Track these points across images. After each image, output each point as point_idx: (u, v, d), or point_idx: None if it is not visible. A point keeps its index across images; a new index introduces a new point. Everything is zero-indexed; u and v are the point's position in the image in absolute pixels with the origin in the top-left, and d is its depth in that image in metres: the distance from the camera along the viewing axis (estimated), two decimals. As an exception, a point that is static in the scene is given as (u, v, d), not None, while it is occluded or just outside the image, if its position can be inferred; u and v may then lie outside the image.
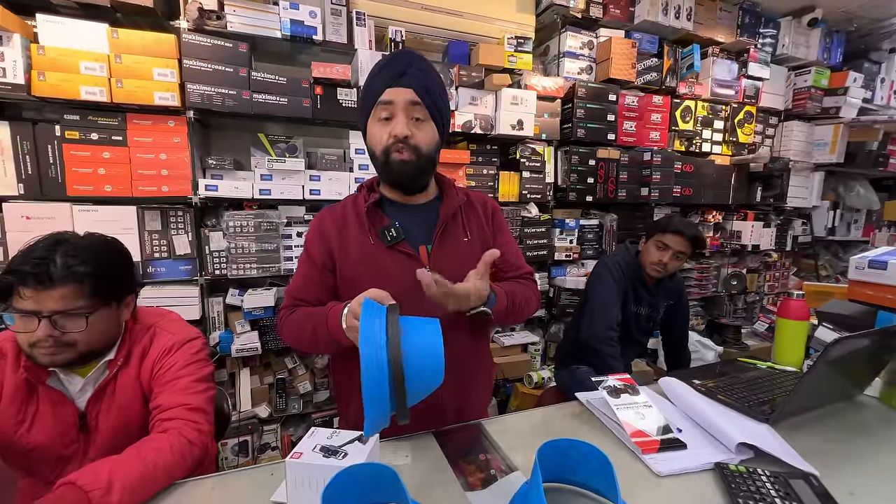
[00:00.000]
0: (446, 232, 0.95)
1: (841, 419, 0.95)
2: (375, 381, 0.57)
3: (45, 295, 0.74)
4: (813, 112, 2.81)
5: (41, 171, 1.49)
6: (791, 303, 1.19)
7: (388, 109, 0.87)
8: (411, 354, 0.60)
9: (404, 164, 0.88)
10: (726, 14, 2.48)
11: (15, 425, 0.81)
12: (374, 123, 0.89)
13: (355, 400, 0.94)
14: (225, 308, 1.83)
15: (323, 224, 0.95)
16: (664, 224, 1.65)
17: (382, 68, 0.88)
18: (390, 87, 0.86)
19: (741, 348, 2.53)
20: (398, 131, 0.86)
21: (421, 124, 0.89)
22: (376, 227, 0.91)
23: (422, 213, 0.96)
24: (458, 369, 0.69)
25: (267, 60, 1.92)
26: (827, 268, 3.33)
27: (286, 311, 0.94)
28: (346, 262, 0.91)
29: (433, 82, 0.90)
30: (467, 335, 0.96)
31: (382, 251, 0.90)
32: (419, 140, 0.88)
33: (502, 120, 2.03)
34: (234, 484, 0.75)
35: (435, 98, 0.90)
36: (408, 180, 0.91)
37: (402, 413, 0.60)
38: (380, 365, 0.57)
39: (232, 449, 1.86)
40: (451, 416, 0.94)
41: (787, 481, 0.69)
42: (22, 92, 1.40)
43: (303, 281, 0.95)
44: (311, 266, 0.94)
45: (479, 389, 1.04)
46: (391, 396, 0.58)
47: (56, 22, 1.44)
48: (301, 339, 0.89)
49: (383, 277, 0.87)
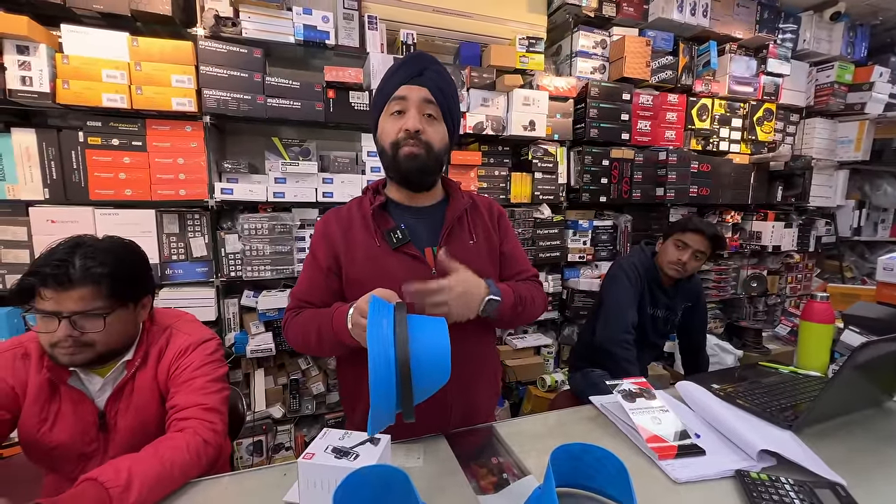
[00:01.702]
0: (452, 234, 0.94)
1: (868, 427, 0.91)
2: (383, 378, 0.57)
3: (64, 296, 0.76)
4: (836, 108, 2.73)
5: (65, 177, 1.54)
6: (815, 305, 1.15)
7: (401, 104, 0.88)
8: (419, 352, 0.60)
9: (413, 159, 0.87)
10: (744, 10, 2.43)
11: (38, 424, 0.84)
12: (387, 118, 0.90)
13: (362, 403, 0.94)
14: (240, 309, 1.85)
15: (328, 227, 0.95)
16: (683, 223, 1.62)
17: (399, 67, 0.90)
18: (406, 84, 0.87)
19: (762, 352, 2.46)
20: (410, 125, 0.86)
21: (433, 122, 0.90)
22: (382, 229, 0.91)
23: (428, 215, 0.96)
24: (465, 370, 0.69)
25: (281, 65, 1.95)
26: (852, 269, 3.22)
27: (291, 314, 0.94)
28: (352, 265, 0.91)
29: (448, 85, 0.91)
30: (473, 336, 0.95)
31: (388, 253, 0.90)
32: (430, 136, 0.89)
33: (514, 121, 2.02)
34: (248, 483, 0.75)
35: (448, 100, 0.91)
36: (415, 175, 0.91)
37: (408, 411, 0.60)
38: (387, 362, 0.57)
39: (247, 448, 1.88)
40: (457, 417, 0.93)
41: (812, 491, 0.67)
42: (47, 100, 1.45)
43: (308, 283, 0.95)
44: (316, 269, 0.94)
45: (486, 390, 1.03)
46: (398, 394, 0.58)
47: (80, 32, 1.49)
48: (307, 340, 0.88)
49: (389, 279, 0.86)
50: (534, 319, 1.02)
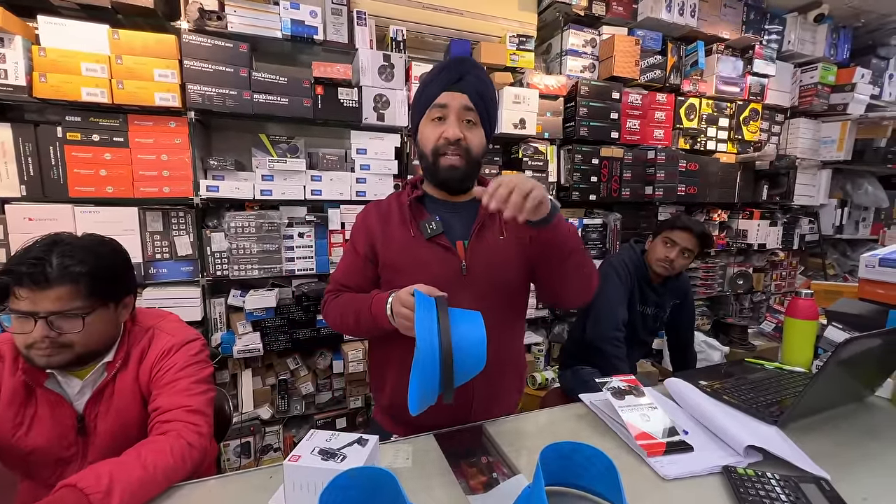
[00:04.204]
0: (483, 229, 0.97)
1: (852, 421, 0.93)
2: (429, 364, 0.65)
3: (41, 295, 0.73)
4: (820, 109, 2.78)
5: (43, 173, 1.49)
6: (800, 302, 1.17)
7: (441, 111, 0.91)
8: (459, 341, 0.67)
9: (453, 170, 0.92)
10: (731, 10, 2.46)
11: (13, 428, 0.81)
12: (427, 124, 0.93)
13: (390, 384, 0.99)
14: (227, 309, 1.82)
15: (368, 217, 1.01)
16: (672, 221, 1.65)
17: (441, 71, 0.92)
18: (446, 90, 0.90)
19: (748, 349, 2.50)
20: (450, 134, 0.89)
21: (472, 127, 0.93)
22: (417, 221, 0.95)
23: (462, 209, 0.99)
24: (490, 362, 0.70)
25: (267, 60, 1.92)
26: (835, 266, 3.29)
27: (331, 296, 1.02)
28: (388, 252, 0.96)
29: (487, 89, 0.93)
30: (503, 326, 0.97)
31: (422, 243, 0.94)
32: (470, 142, 0.92)
33: (504, 119, 2.02)
34: (233, 486, 0.74)
35: (487, 103, 0.94)
36: (454, 184, 0.95)
37: (449, 393, 0.66)
38: (433, 350, 0.65)
39: (234, 450, 1.85)
40: (479, 407, 0.95)
41: (797, 485, 0.68)
42: (23, 94, 1.40)
43: (346, 268, 1.02)
44: (355, 255, 1.00)
45: (509, 383, 1.03)
46: (441, 378, 0.65)
47: (57, 23, 1.44)
48: (345, 321, 0.95)
49: (422, 267, 0.92)
50: (591, 283, 0.99)
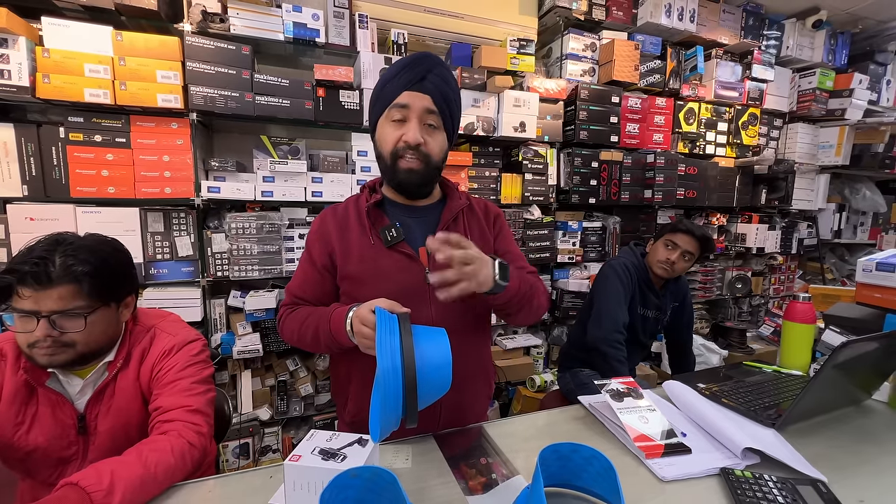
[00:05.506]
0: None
1: (849, 424, 0.93)
2: (391, 390, 0.60)
3: (43, 295, 0.74)
4: (818, 114, 2.80)
5: (45, 173, 1.50)
6: (798, 306, 1.18)
7: (402, 112, 0.86)
8: (423, 363, 0.63)
9: (411, 173, 0.88)
10: (730, 16, 2.47)
11: (14, 427, 0.81)
12: (386, 123, 0.88)
13: (352, 400, 0.95)
14: (227, 310, 1.83)
15: (324, 224, 0.95)
16: (674, 225, 1.66)
17: (402, 69, 0.87)
18: (408, 90, 0.85)
19: (746, 352, 2.51)
20: (410, 138, 0.85)
21: (433, 131, 0.89)
22: (377, 228, 0.91)
23: (423, 214, 0.96)
24: (457, 371, 0.68)
25: (269, 63, 1.93)
26: (833, 271, 3.30)
27: (286, 310, 0.95)
28: (347, 262, 0.91)
29: (451, 91, 0.90)
30: (468, 336, 0.95)
31: (382, 251, 0.89)
32: (430, 148, 0.88)
33: (504, 122, 2.03)
34: (233, 487, 0.74)
35: (451, 105, 0.90)
36: (413, 187, 0.92)
37: (412, 417, 0.63)
38: (396, 375, 0.61)
39: (233, 451, 1.85)
40: (446, 418, 0.93)
41: (794, 487, 0.68)
42: (27, 94, 1.41)
43: (303, 279, 0.95)
44: (311, 266, 0.94)
45: (478, 392, 1.02)
46: (404, 404, 0.62)
47: (61, 25, 1.45)
48: (302, 337, 0.89)
49: (384, 277, 0.87)
50: (539, 311, 0.96)
